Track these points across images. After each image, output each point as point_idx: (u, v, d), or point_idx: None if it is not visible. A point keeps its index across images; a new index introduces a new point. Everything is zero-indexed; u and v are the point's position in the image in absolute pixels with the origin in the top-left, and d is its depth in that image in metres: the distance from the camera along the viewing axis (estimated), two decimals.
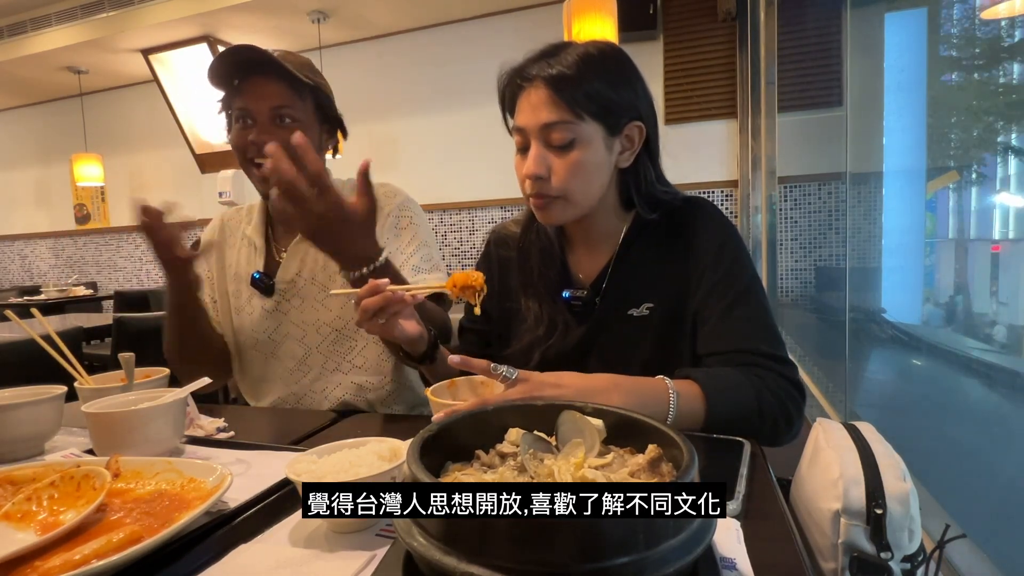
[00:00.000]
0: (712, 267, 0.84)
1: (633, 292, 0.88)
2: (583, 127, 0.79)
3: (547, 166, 0.81)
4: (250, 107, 1.02)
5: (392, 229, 1.13)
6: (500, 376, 0.68)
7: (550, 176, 0.81)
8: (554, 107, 0.78)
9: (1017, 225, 1.27)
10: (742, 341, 0.79)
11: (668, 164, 0.92)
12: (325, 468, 0.54)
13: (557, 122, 0.78)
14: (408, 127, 4.16)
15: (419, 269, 1.09)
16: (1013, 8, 1.22)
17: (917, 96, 1.64)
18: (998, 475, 1.09)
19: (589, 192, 0.83)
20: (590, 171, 0.81)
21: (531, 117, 0.80)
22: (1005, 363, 1.22)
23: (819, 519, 0.67)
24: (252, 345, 1.16)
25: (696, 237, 0.86)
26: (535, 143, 0.81)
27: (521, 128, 0.82)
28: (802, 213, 3.16)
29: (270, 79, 1.02)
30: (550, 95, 0.79)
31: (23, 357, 1.67)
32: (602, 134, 0.81)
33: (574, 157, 0.80)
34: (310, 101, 1.07)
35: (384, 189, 1.17)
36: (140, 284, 5.28)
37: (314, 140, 1.08)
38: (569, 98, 0.78)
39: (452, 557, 0.35)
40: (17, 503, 0.51)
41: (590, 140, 0.80)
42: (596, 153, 0.81)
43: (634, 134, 0.84)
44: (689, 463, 0.39)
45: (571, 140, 0.79)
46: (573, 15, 2.21)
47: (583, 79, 0.78)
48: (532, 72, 0.81)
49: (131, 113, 5.15)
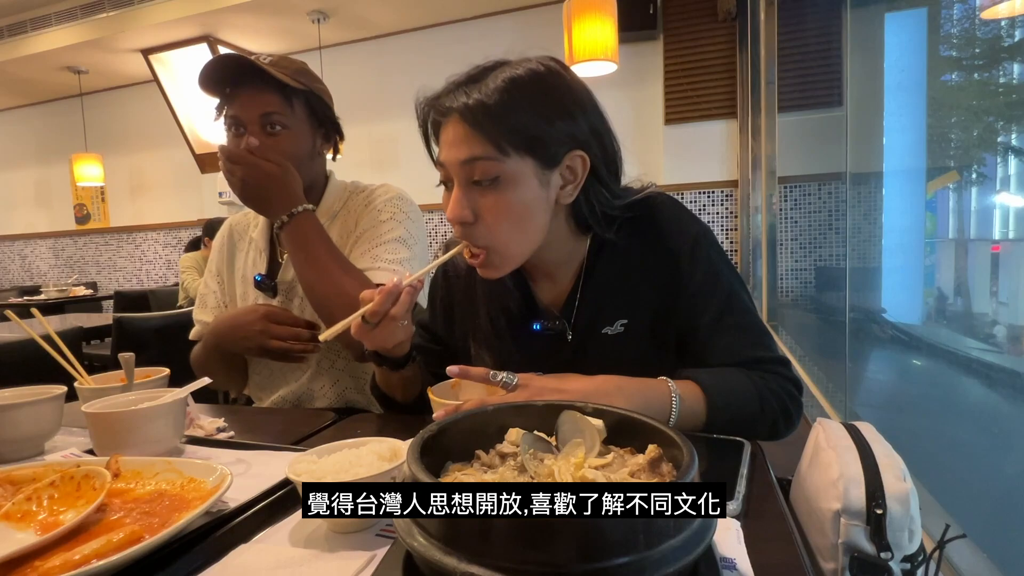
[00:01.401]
0: (688, 273, 0.79)
1: (604, 311, 0.82)
2: (508, 163, 0.69)
3: (471, 209, 0.71)
4: (240, 115, 1.04)
5: (374, 218, 1.13)
6: (500, 383, 0.67)
7: (476, 219, 0.72)
8: (474, 141, 0.69)
9: (1017, 225, 1.27)
10: (738, 353, 0.77)
11: (668, 164, 0.91)
12: (325, 468, 0.54)
13: (478, 158, 0.69)
14: (408, 127, 4.10)
15: (378, 259, 1.07)
16: (1013, 8, 1.22)
17: (917, 96, 1.64)
18: (998, 475, 1.09)
19: (524, 238, 0.74)
20: (521, 214, 0.72)
21: (449, 153, 0.71)
22: (1005, 363, 1.22)
23: (819, 519, 0.67)
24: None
25: (663, 241, 0.80)
26: (457, 184, 0.72)
27: (442, 163, 0.74)
28: (802, 213, 3.16)
29: (260, 86, 1.03)
30: (468, 129, 0.69)
31: (23, 357, 1.67)
32: (534, 168, 0.71)
33: (501, 197, 0.70)
34: (301, 106, 1.08)
35: (381, 188, 1.19)
36: (140, 284, 5.28)
37: (306, 144, 1.09)
38: (490, 131, 0.68)
39: (452, 557, 0.35)
40: (17, 503, 0.51)
41: (518, 178, 0.70)
42: (527, 191, 0.71)
43: (576, 164, 0.74)
44: (689, 463, 0.39)
45: (495, 177, 0.70)
46: (573, 15, 2.21)
47: (506, 109, 0.68)
48: (446, 104, 0.71)
49: (131, 113, 5.15)
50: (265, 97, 1.03)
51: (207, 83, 1.04)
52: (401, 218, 1.14)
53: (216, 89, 1.06)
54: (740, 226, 3.42)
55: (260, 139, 1.03)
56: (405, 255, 1.09)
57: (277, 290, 1.15)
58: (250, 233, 1.23)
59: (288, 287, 1.15)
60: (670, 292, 0.80)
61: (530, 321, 0.86)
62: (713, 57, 3.41)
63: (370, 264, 1.07)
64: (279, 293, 1.15)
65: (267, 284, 1.15)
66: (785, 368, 0.78)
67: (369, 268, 1.06)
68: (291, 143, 1.06)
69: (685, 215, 0.83)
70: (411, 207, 1.17)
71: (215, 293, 1.25)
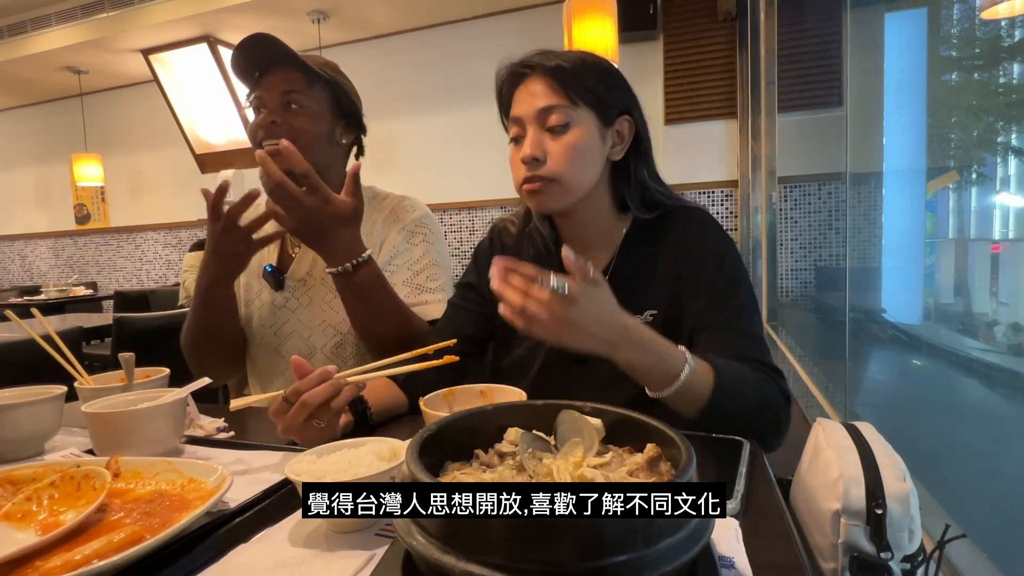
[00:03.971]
0: (713, 277, 0.84)
1: (634, 297, 0.86)
2: (578, 112, 0.83)
3: (543, 149, 0.83)
4: (264, 95, 1.06)
5: (404, 243, 1.14)
6: (551, 286, 0.60)
7: (546, 159, 0.83)
8: (552, 93, 0.83)
9: (1017, 225, 1.27)
10: (743, 351, 0.79)
11: (668, 164, 0.93)
12: (325, 468, 0.54)
13: (555, 106, 0.82)
14: (408, 127, 4.16)
15: (423, 289, 1.11)
16: (1013, 8, 1.21)
17: (917, 96, 1.64)
18: (998, 475, 1.09)
19: (582, 177, 0.85)
20: (584, 154, 0.84)
21: (529, 104, 0.84)
22: (1005, 363, 1.22)
23: (819, 519, 0.67)
24: (258, 338, 1.17)
25: (697, 246, 0.87)
26: (532, 128, 0.84)
27: (518, 117, 0.86)
28: (802, 213, 3.16)
29: (285, 68, 1.05)
30: (549, 82, 0.83)
31: (23, 357, 1.67)
32: (596, 122, 0.84)
33: (570, 139, 0.83)
34: (323, 92, 1.09)
35: (407, 202, 1.19)
36: (140, 284, 5.28)
37: (324, 130, 1.09)
38: (566, 86, 0.83)
39: (451, 556, 0.35)
40: (17, 503, 0.51)
41: (585, 125, 0.84)
42: (590, 138, 0.84)
43: (624, 129, 0.88)
44: (687, 462, 0.40)
45: (567, 123, 0.83)
46: (573, 15, 2.21)
47: (579, 72, 0.84)
48: (533, 62, 0.86)
49: (131, 113, 5.15)
50: (288, 76, 1.05)
51: (239, 68, 1.06)
52: (432, 239, 1.16)
53: (247, 75, 1.08)
54: (740, 226, 3.42)
55: (279, 116, 1.04)
56: (443, 279, 1.13)
57: (284, 284, 1.15)
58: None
59: (297, 285, 1.15)
60: (694, 292, 0.85)
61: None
62: (713, 57, 3.41)
63: (415, 298, 1.09)
64: (286, 288, 1.15)
65: (276, 276, 1.15)
66: (782, 380, 0.79)
67: (417, 304, 1.09)
68: (307, 121, 1.06)
69: (725, 234, 0.90)
70: (437, 225, 1.19)
71: None
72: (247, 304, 1.20)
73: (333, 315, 1.13)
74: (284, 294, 1.15)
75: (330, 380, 0.69)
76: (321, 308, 1.14)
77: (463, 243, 4.11)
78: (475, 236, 4.06)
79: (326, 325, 1.13)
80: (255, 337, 1.18)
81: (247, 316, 1.19)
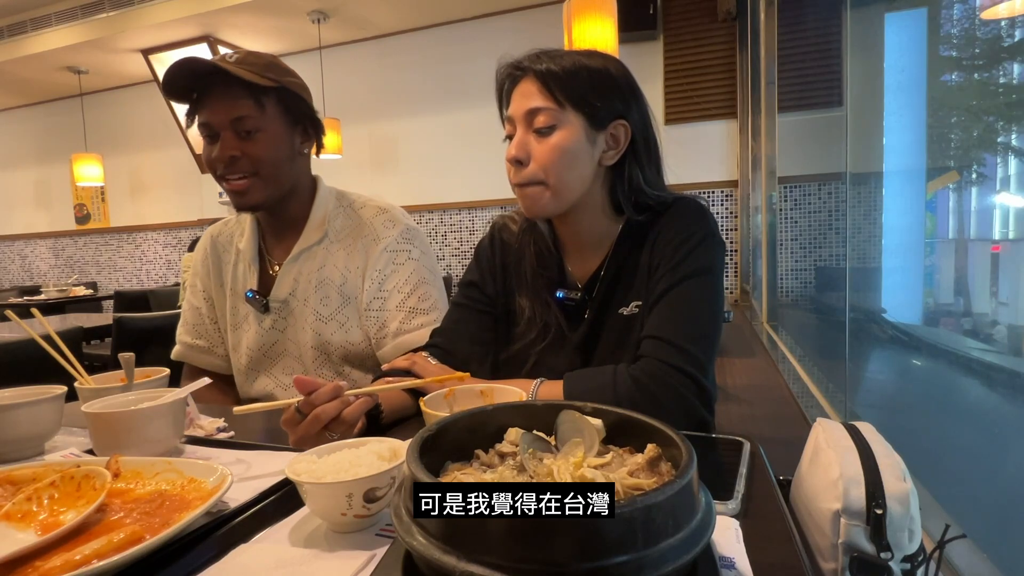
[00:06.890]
0: (670, 256, 0.85)
1: (623, 291, 0.90)
2: (566, 115, 0.84)
3: (527, 151, 0.85)
4: (212, 121, 1.00)
5: (389, 265, 1.11)
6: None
7: (529, 161, 0.85)
8: (540, 95, 0.84)
9: (1017, 225, 1.27)
10: (658, 328, 0.81)
11: (668, 164, 0.93)
12: (325, 468, 0.54)
13: (542, 108, 0.84)
14: (408, 127, 4.16)
15: (416, 311, 1.09)
16: (1013, 8, 1.21)
17: (917, 96, 1.64)
18: (998, 475, 1.09)
19: (568, 180, 0.85)
20: (568, 157, 0.84)
21: (519, 104, 0.86)
22: (1005, 363, 1.22)
23: (819, 519, 0.67)
24: (251, 361, 1.15)
25: (666, 230, 0.88)
26: (520, 129, 0.86)
27: (510, 116, 0.87)
28: (802, 213, 3.16)
29: (228, 88, 0.99)
30: (538, 85, 0.85)
31: (23, 357, 1.67)
32: (584, 125, 0.85)
33: (555, 141, 0.84)
34: (274, 105, 1.03)
35: (384, 217, 1.14)
36: (140, 284, 5.28)
37: (285, 145, 1.05)
38: (554, 89, 0.84)
39: (451, 556, 0.35)
40: (17, 503, 0.51)
41: (571, 128, 0.84)
42: (576, 141, 0.84)
43: (619, 133, 0.87)
44: (688, 462, 0.39)
45: (553, 125, 0.84)
46: (573, 15, 2.21)
47: (570, 76, 0.84)
48: (525, 64, 0.87)
49: (131, 113, 5.15)
50: (234, 100, 0.98)
51: (172, 90, 1.00)
52: (416, 255, 1.13)
53: (182, 96, 1.02)
54: (740, 226, 3.42)
55: (234, 146, 0.99)
56: (435, 295, 1.12)
57: (269, 307, 1.12)
58: (236, 243, 1.19)
59: (281, 306, 1.12)
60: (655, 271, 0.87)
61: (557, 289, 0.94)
62: (713, 57, 3.41)
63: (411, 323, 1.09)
64: (271, 311, 1.12)
65: (258, 301, 1.12)
66: (685, 360, 0.78)
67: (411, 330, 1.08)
68: (267, 147, 1.01)
69: (701, 217, 0.89)
70: (420, 236, 1.16)
71: (198, 310, 1.21)
72: (235, 328, 1.17)
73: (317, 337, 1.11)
74: (271, 316, 1.13)
75: (341, 397, 0.72)
76: (305, 330, 1.12)
77: (463, 243, 4.11)
78: (475, 236, 4.06)
79: (316, 342, 1.12)
80: (246, 360, 1.16)
81: (235, 340, 1.17)
